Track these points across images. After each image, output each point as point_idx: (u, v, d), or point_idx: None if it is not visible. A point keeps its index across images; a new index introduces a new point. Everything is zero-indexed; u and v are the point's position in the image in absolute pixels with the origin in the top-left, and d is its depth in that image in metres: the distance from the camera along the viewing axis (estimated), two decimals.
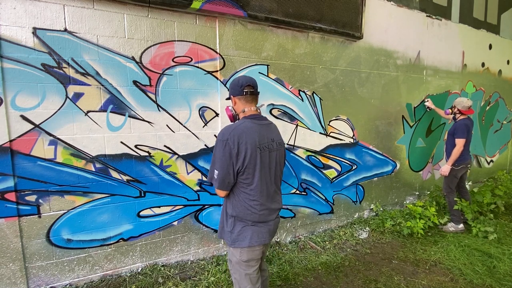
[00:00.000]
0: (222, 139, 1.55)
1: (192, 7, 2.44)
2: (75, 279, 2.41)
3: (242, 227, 1.65)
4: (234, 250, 1.69)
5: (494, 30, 5.33)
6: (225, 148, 1.52)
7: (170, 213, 2.71)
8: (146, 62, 2.44)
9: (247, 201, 1.61)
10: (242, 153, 1.53)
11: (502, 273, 2.77)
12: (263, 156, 1.60)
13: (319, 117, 3.43)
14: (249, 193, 1.61)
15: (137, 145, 2.49)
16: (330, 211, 3.71)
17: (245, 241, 1.64)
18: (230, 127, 1.59)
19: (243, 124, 1.59)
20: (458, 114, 3.71)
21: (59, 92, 2.17)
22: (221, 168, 1.54)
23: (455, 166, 3.64)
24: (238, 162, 1.54)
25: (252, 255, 1.67)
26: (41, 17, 2.07)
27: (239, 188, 1.62)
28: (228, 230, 1.69)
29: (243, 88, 1.63)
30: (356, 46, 3.60)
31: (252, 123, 1.61)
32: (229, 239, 1.69)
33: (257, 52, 2.93)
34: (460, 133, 3.57)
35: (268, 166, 1.65)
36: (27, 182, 2.16)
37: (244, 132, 1.55)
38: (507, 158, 6.34)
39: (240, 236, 1.65)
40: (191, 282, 2.51)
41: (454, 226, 3.70)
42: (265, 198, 1.65)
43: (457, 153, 3.57)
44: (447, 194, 3.77)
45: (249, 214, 1.62)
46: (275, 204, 1.73)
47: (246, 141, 1.53)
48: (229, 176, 1.56)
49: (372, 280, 2.66)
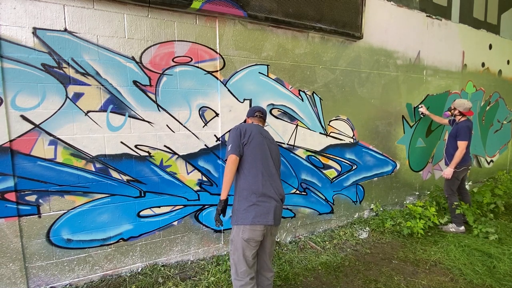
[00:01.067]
0: (235, 128, 2.06)
1: (192, 7, 2.44)
2: (75, 279, 2.41)
3: (247, 206, 1.88)
4: (237, 228, 1.89)
5: (494, 30, 5.33)
6: (237, 131, 2.01)
7: (170, 213, 2.71)
8: (146, 62, 2.44)
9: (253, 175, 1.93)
10: (248, 133, 2.01)
11: (502, 273, 2.77)
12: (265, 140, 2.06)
13: (319, 117, 3.43)
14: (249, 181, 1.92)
15: (137, 145, 2.49)
16: (330, 211, 3.71)
17: (248, 219, 1.85)
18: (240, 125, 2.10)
19: (248, 123, 2.15)
20: (459, 116, 3.70)
21: (59, 92, 2.17)
22: (233, 141, 1.95)
23: (457, 168, 3.63)
24: (244, 137, 1.99)
25: (253, 234, 1.85)
26: (41, 17, 2.07)
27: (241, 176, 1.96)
28: (235, 209, 1.94)
29: (255, 112, 2.23)
30: (356, 46, 3.60)
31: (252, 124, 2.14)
32: (235, 217, 1.92)
33: (257, 52, 2.93)
34: (462, 135, 3.57)
35: (269, 150, 2.05)
36: (27, 182, 2.16)
37: (249, 126, 2.08)
38: (507, 158, 6.34)
39: (244, 214, 1.87)
40: (191, 282, 2.51)
41: (455, 228, 3.70)
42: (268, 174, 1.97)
43: (460, 155, 3.57)
44: (448, 197, 3.76)
45: (253, 183, 1.91)
46: (276, 185, 2.00)
47: (251, 129, 2.04)
48: (238, 148, 1.95)
49: (372, 280, 2.66)
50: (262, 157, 1.98)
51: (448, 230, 3.72)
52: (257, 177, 1.92)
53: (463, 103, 3.64)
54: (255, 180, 1.91)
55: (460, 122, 3.67)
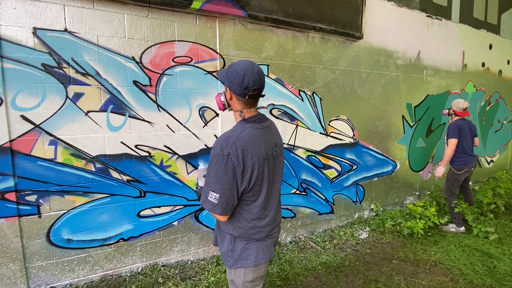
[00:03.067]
0: (221, 153, 1.21)
1: (192, 7, 2.44)
2: (75, 279, 2.41)
3: (245, 244, 1.40)
4: (237, 271, 1.43)
5: (494, 30, 5.33)
6: (227, 165, 1.21)
7: (170, 213, 2.72)
8: (146, 62, 2.44)
9: (251, 221, 1.36)
10: (248, 170, 1.24)
11: (502, 273, 2.77)
12: (269, 167, 1.35)
13: (319, 117, 3.43)
14: (252, 211, 1.35)
15: (137, 145, 2.49)
16: (330, 211, 3.71)
17: (250, 260, 1.39)
18: (230, 136, 1.25)
19: (245, 132, 1.27)
20: (453, 115, 3.71)
21: (59, 92, 2.17)
22: (223, 190, 1.22)
23: (458, 170, 3.61)
24: (244, 181, 1.26)
25: (257, 273, 1.45)
26: (41, 17, 2.07)
27: (240, 206, 1.35)
28: (229, 249, 1.41)
29: (247, 91, 1.26)
30: (356, 46, 3.60)
31: (255, 130, 1.32)
32: (230, 260, 1.42)
33: (257, 52, 2.93)
34: (451, 133, 3.57)
35: (273, 177, 1.42)
36: (27, 182, 2.16)
37: (248, 143, 1.25)
38: (507, 158, 6.34)
39: (243, 254, 1.39)
40: (191, 282, 2.51)
41: (455, 228, 3.70)
42: (271, 213, 1.44)
43: (449, 153, 3.57)
44: (447, 197, 3.75)
45: (253, 233, 1.39)
46: (279, 216, 1.56)
47: (252, 154, 1.24)
48: (233, 198, 1.27)
49: (372, 280, 2.66)
50: (267, 192, 1.38)
51: (448, 230, 3.72)
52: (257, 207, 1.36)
53: (458, 102, 3.63)
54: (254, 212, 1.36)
55: (453, 121, 3.67)
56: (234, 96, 1.34)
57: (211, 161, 1.26)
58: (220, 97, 1.40)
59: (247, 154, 1.23)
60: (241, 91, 1.27)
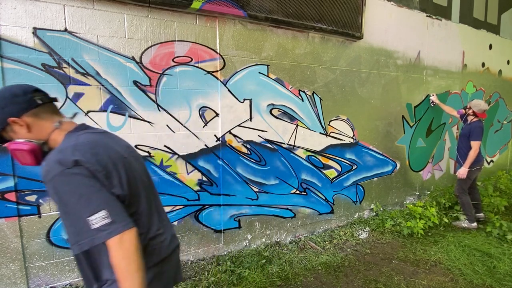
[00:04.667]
0: (66, 167, 0.90)
1: (192, 7, 2.44)
2: (75, 279, 2.41)
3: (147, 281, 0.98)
4: None
5: (494, 30, 5.33)
6: (81, 173, 0.90)
7: (170, 213, 2.71)
8: (146, 62, 2.44)
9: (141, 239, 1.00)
10: (112, 172, 0.97)
11: (502, 273, 2.77)
12: (134, 167, 1.10)
13: (319, 117, 3.43)
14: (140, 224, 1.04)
15: (137, 145, 2.49)
16: (330, 211, 3.71)
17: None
18: (63, 149, 0.95)
19: (82, 138, 1.00)
20: (472, 116, 3.72)
21: (59, 92, 2.17)
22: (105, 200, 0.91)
23: (470, 168, 3.67)
24: (113, 185, 0.96)
25: None
26: (41, 17, 2.07)
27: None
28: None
29: (31, 95, 1.00)
30: (356, 46, 3.60)
31: (92, 134, 1.05)
32: None
33: (257, 52, 2.93)
34: (476, 135, 3.60)
35: (146, 178, 1.19)
36: (27, 182, 2.16)
37: (92, 143, 0.99)
38: (507, 158, 6.34)
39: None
40: (191, 282, 2.51)
41: (467, 223, 3.77)
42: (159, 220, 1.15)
43: (473, 155, 3.61)
44: (459, 195, 3.81)
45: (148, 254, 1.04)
46: (172, 229, 1.23)
47: (107, 155, 0.99)
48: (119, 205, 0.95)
49: (372, 280, 2.66)
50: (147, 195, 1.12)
51: (460, 226, 3.80)
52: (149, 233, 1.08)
53: (479, 103, 3.67)
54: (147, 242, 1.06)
55: (473, 122, 3.70)
56: (28, 118, 0.99)
57: (57, 189, 0.91)
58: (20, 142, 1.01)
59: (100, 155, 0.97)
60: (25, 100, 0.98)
